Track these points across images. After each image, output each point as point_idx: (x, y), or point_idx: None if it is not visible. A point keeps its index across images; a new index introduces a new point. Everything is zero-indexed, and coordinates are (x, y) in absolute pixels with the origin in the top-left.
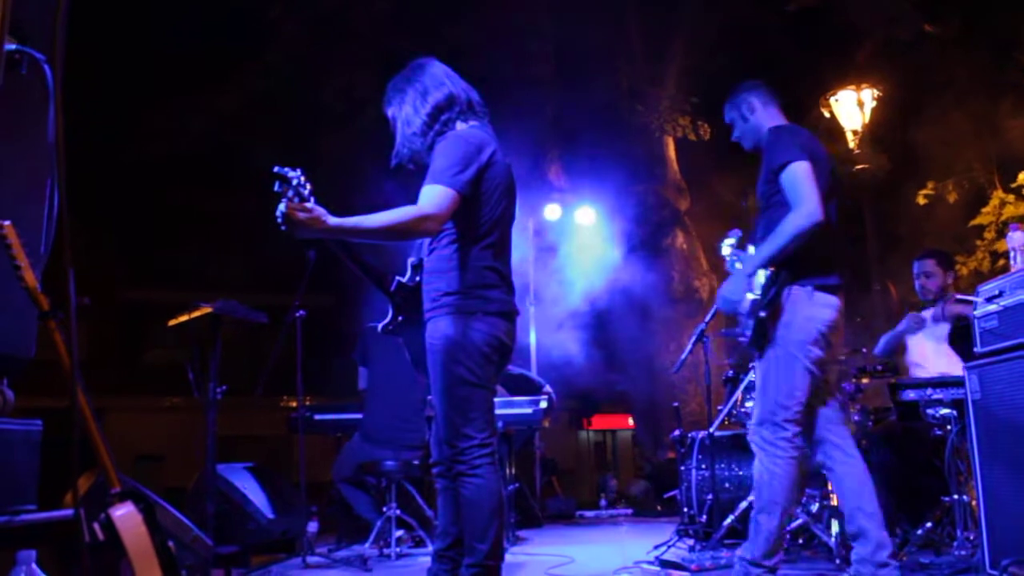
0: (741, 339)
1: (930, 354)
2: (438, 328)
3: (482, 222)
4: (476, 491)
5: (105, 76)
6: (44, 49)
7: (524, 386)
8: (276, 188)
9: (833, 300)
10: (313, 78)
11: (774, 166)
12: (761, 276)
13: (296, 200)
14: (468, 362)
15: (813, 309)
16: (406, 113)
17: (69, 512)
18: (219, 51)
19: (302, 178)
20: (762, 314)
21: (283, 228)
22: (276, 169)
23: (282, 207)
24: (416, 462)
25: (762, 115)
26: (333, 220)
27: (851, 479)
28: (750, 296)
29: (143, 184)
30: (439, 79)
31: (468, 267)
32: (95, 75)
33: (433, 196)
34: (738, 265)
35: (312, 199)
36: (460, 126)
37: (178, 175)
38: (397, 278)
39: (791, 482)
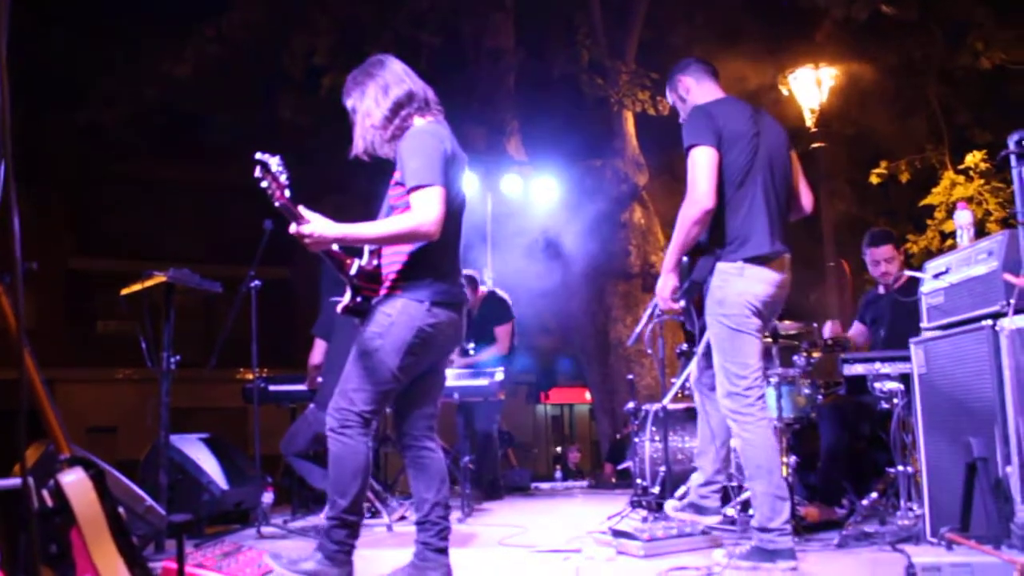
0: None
1: None
2: (385, 306)
3: None
4: (341, 449)
5: (56, 39)
6: None
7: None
8: (256, 174)
9: (767, 274)
10: (271, 45)
11: (685, 151)
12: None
13: (273, 187)
14: (390, 345)
15: (744, 284)
16: (366, 106)
17: (16, 481)
18: (174, 16)
19: (281, 166)
20: (682, 303)
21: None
22: (257, 156)
23: (292, 229)
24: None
25: (696, 94)
26: (336, 229)
27: (721, 428)
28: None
29: (95, 151)
30: (399, 76)
31: (425, 254)
32: (45, 37)
33: (424, 201)
34: None
35: (288, 185)
36: (418, 121)
37: (131, 142)
38: (356, 261)
39: (768, 443)
